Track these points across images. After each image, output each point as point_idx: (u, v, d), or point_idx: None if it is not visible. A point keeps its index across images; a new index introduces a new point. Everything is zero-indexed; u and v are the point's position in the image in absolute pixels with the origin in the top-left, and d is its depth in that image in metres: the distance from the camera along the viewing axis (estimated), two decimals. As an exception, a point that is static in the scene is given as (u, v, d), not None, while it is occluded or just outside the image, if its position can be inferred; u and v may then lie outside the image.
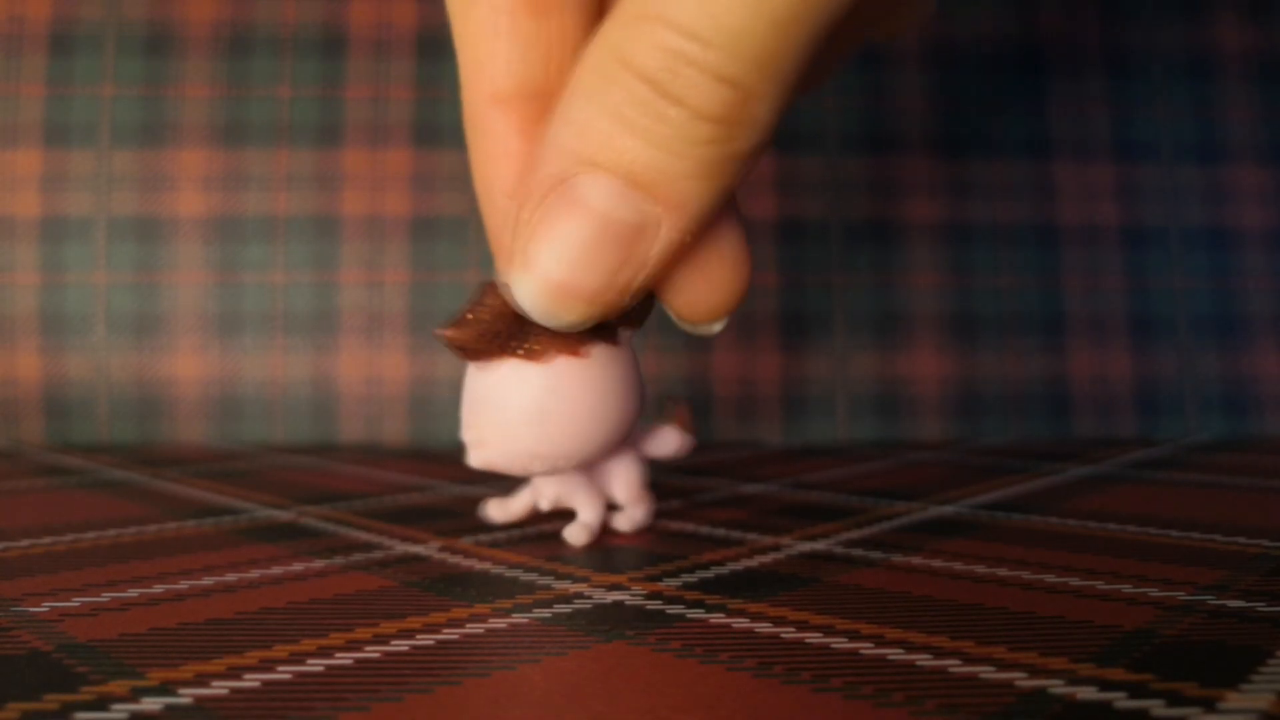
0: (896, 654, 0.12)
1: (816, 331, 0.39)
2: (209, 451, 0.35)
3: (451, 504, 0.23)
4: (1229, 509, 0.21)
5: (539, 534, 0.20)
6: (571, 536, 0.19)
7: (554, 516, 0.21)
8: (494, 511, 0.20)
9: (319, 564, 0.17)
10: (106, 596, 0.15)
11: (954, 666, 0.11)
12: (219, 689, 0.11)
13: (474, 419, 0.17)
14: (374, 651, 0.12)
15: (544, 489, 0.19)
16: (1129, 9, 0.42)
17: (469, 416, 0.17)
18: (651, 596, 0.15)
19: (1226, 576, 0.15)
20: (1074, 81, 0.41)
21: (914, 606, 0.14)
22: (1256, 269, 0.40)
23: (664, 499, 0.24)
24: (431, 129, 0.40)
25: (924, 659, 0.11)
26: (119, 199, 0.39)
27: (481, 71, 0.18)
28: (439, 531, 0.20)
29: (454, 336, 0.16)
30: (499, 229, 0.18)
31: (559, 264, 0.16)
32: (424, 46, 0.40)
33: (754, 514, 0.22)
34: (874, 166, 0.40)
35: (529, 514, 0.21)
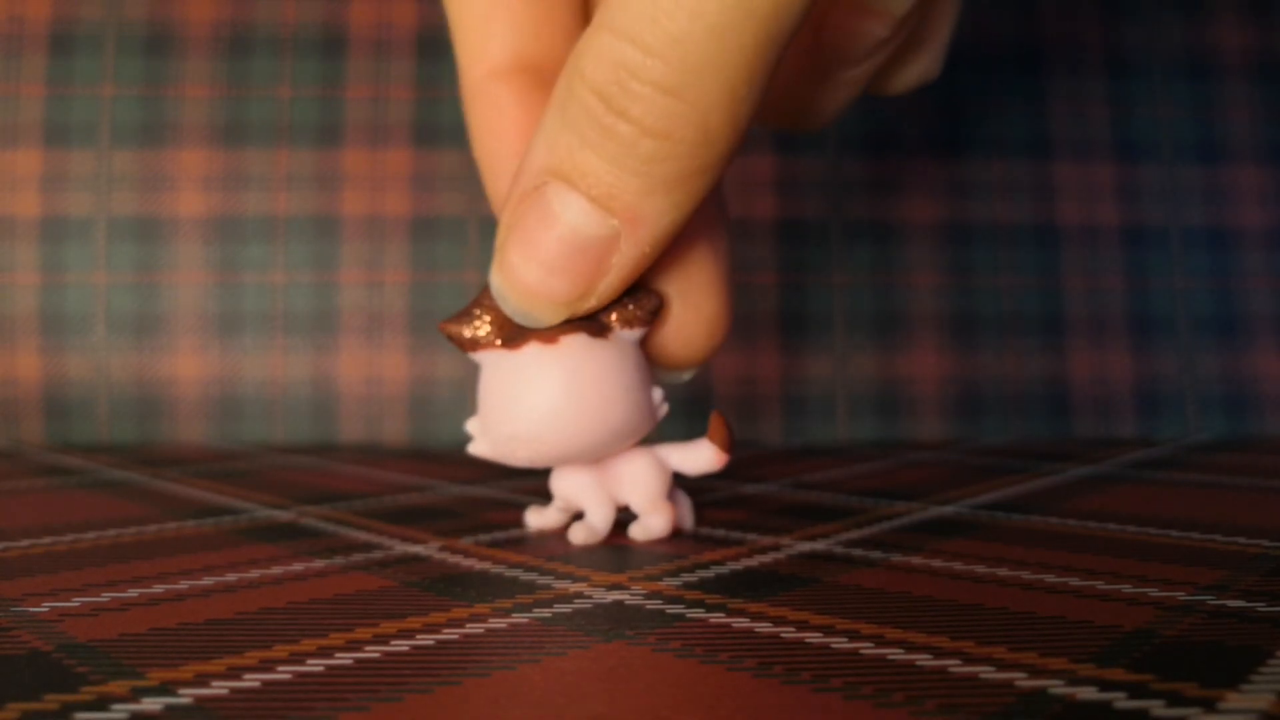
0: (896, 654, 0.12)
1: (816, 331, 0.39)
2: (209, 451, 0.35)
3: (451, 504, 0.23)
4: (1229, 509, 0.21)
5: (539, 534, 0.20)
6: (572, 533, 0.19)
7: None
8: (531, 519, 0.20)
9: (319, 564, 0.17)
10: (106, 596, 0.15)
11: (954, 666, 0.11)
12: (219, 689, 0.11)
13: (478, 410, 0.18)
14: (374, 651, 0.12)
15: (558, 488, 0.19)
16: (1129, 9, 0.42)
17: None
18: (651, 596, 0.15)
19: (1226, 576, 0.15)
20: (1074, 81, 0.41)
21: (914, 606, 0.14)
22: (1256, 269, 0.40)
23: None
24: (431, 129, 0.40)
25: (924, 659, 0.11)
26: (119, 199, 0.39)
27: (479, 50, 0.18)
28: (439, 531, 0.20)
29: (443, 327, 0.18)
30: (504, 199, 0.18)
31: (529, 269, 0.16)
32: (424, 46, 0.40)
33: (754, 514, 0.22)
34: (874, 166, 0.40)
35: (565, 520, 0.20)
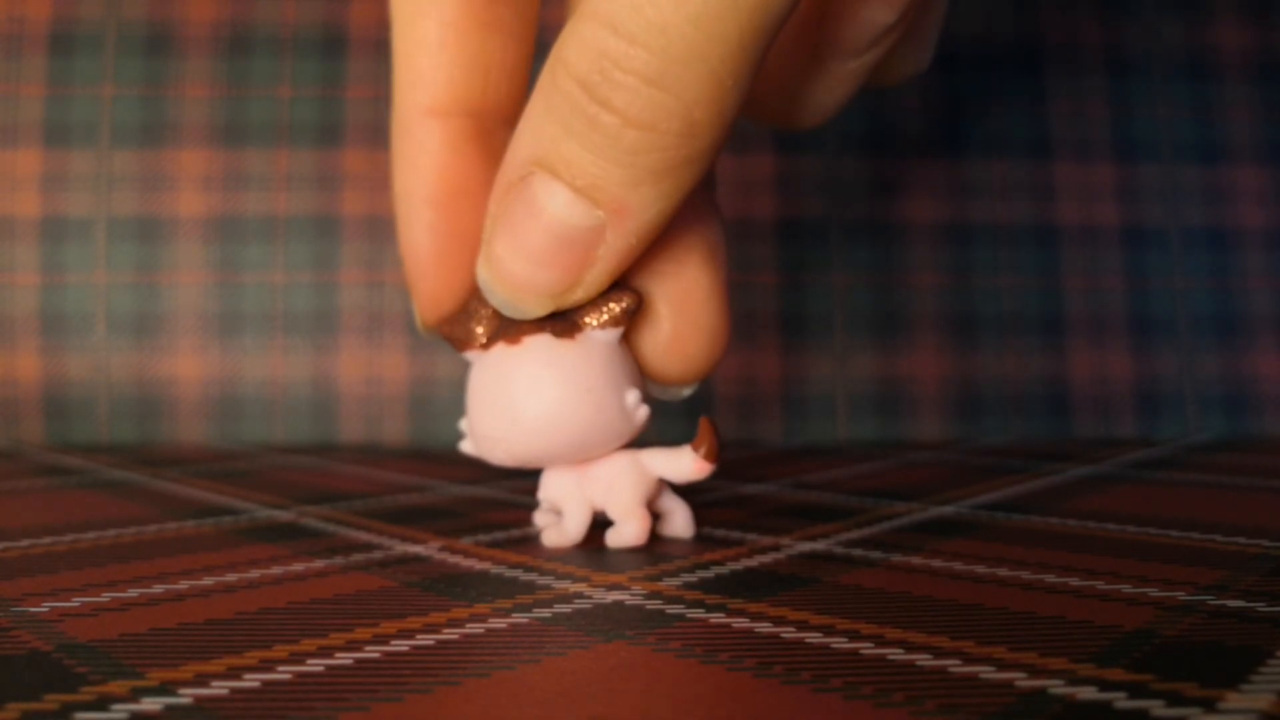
0: (896, 654, 0.12)
1: (816, 331, 0.39)
2: (209, 451, 0.35)
3: (451, 504, 0.23)
4: (1229, 509, 0.21)
5: (539, 534, 0.20)
6: (545, 535, 0.19)
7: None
8: (539, 524, 0.20)
9: (319, 564, 0.17)
10: (106, 596, 0.15)
11: (954, 666, 0.11)
12: (219, 689, 0.11)
13: None
14: (374, 651, 0.12)
15: (542, 491, 0.19)
16: (1129, 9, 0.42)
17: None
18: (651, 596, 0.15)
19: (1226, 576, 0.15)
20: (1074, 81, 0.41)
21: (914, 606, 0.14)
22: (1256, 269, 0.40)
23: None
24: (431, 129, 0.40)
25: (924, 659, 0.11)
26: (119, 199, 0.39)
27: (420, 83, 0.18)
28: (439, 531, 0.20)
29: (438, 327, 0.18)
30: (414, 239, 0.18)
31: (515, 261, 0.16)
32: (424, 46, 0.40)
33: (754, 514, 0.22)
34: (874, 166, 0.40)
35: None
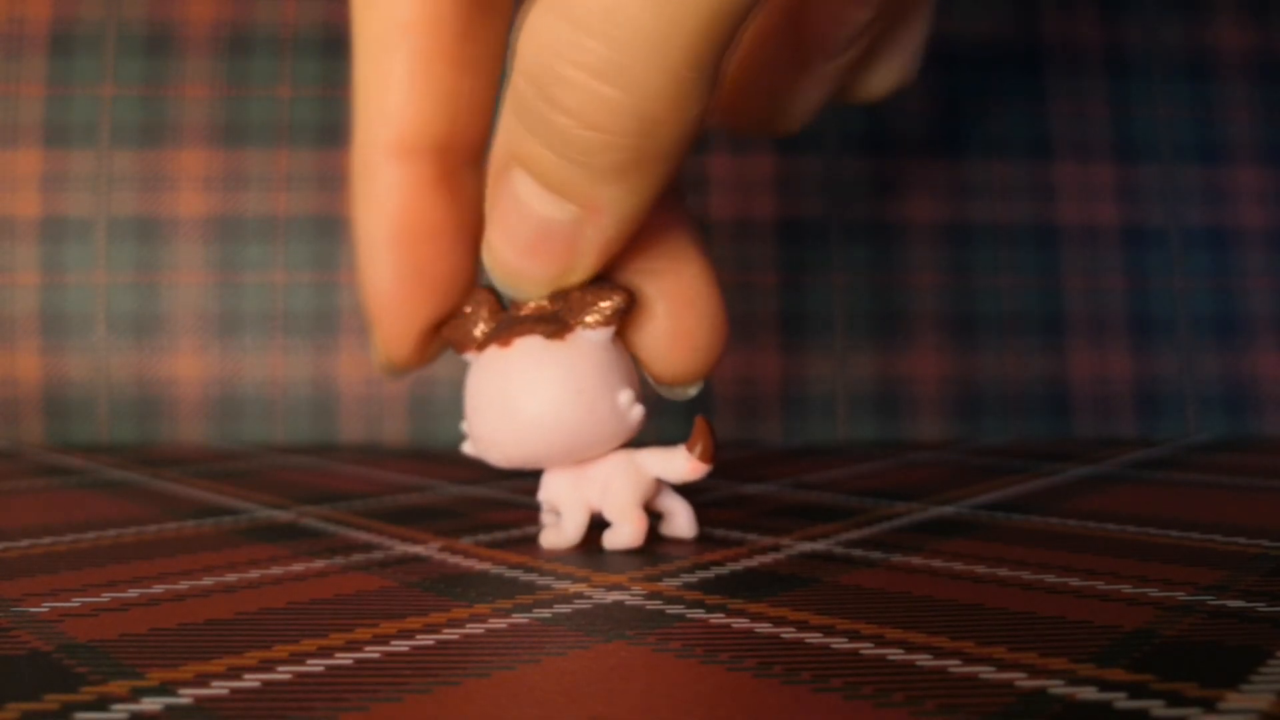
0: (896, 654, 0.12)
1: (816, 331, 0.39)
2: (209, 451, 0.35)
3: (451, 504, 0.23)
4: (1229, 509, 0.21)
5: (539, 534, 0.20)
6: (542, 536, 0.19)
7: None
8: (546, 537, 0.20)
9: (319, 564, 0.17)
10: (106, 596, 0.15)
11: (954, 666, 0.11)
12: (219, 689, 0.11)
13: None
14: (374, 651, 0.12)
15: (542, 493, 0.19)
16: (1129, 9, 0.42)
17: None
18: (651, 596, 0.15)
19: (1226, 576, 0.15)
20: (1074, 81, 0.41)
21: (914, 606, 0.14)
22: (1256, 269, 0.40)
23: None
24: (431, 129, 0.40)
25: (924, 659, 0.11)
26: (119, 199, 0.39)
27: (388, 119, 0.17)
28: (439, 531, 0.20)
29: (441, 329, 0.18)
30: (376, 280, 0.18)
31: (506, 248, 0.16)
32: (424, 46, 0.40)
33: (754, 514, 0.22)
34: (874, 166, 0.40)
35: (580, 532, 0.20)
